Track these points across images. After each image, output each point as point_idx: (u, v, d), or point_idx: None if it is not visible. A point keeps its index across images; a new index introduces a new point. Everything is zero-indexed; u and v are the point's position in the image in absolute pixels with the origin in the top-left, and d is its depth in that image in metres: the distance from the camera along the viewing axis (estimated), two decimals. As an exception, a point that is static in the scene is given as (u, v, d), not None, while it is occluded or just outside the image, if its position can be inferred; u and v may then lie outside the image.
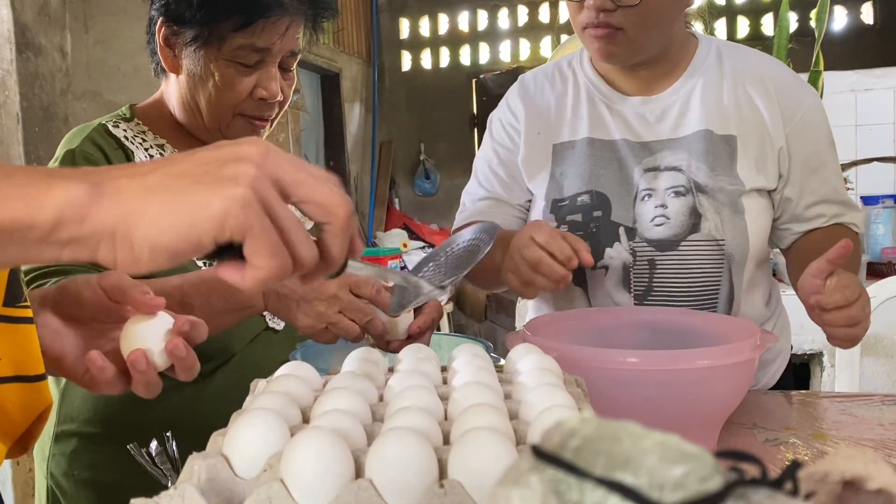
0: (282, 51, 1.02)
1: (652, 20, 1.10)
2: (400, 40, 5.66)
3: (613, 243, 1.16)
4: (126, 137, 1.04)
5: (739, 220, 1.14)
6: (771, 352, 1.27)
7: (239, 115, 1.04)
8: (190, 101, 1.05)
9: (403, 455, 0.43)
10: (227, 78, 1.01)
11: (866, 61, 3.24)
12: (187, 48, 1.01)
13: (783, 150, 1.17)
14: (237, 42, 0.99)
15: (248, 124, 1.05)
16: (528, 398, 0.56)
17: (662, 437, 0.27)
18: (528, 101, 1.27)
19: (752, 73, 1.19)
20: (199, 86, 1.02)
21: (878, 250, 2.50)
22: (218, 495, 0.45)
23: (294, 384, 0.60)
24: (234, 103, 1.03)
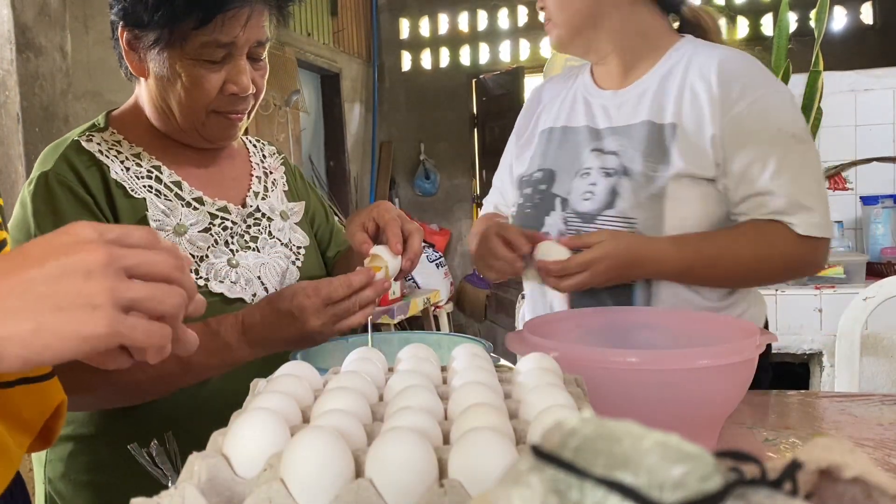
0: (247, 42, 1.00)
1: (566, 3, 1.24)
2: (400, 40, 5.66)
3: (550, 212, 1.29)
4: (100, 151, 1.02)
5: (657, 203, 1.18)
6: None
7: (213, 112, 1.02)
8: (161, 104, 1.03)
9: (403, 455, 0.43)
10: (194, 77, 0.98)
11: (866, 61, 3.24)
12: (151, 51, 1.00)
13: (716, 138, 1.18)
14: (199, 40, 0.96)
15: (223, 120, 1.03)
16: (528, 398, 0.56)
17: (662, 437, 0.27)
18: (540, 94, 1.47)
19: (707, 66, 1.22)
20: (167, 88, 1.01)
21: (878, 250, 2.50)
22: (218, 495, 0.45)
23: (294, 384, 0.60)
24: (206, 102, 1.00)
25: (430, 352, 0.70)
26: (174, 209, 1.03)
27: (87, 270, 0.45)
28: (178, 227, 1.02)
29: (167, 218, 1.02)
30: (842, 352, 1.69)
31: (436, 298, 4.65)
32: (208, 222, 1.05)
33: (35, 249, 0.46)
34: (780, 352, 2.29)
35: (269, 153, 1.25)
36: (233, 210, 1.09)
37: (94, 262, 0.46)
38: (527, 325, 0.98)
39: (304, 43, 4.56)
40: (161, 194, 1.03)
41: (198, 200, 1.06)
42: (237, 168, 1.17)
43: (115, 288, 0.46)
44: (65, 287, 0.44)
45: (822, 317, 2.27)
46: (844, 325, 1.69)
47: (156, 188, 1.03)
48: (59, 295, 0.44)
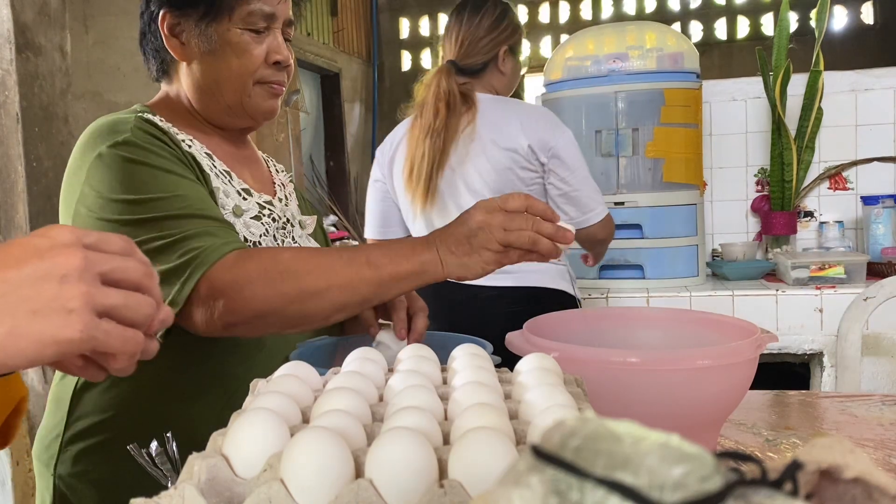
0: (284, 15, 1.06)
1: None
2: (400, 40, 5.66)
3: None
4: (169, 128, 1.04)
5: None
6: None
7: (258, 83, 1.06)
8: (209, 83, 1.06)
9: (403, 455, 0.43)
10: (242, 45, 1.04)
11: (866, 61, 3.24)
12: (196, 29, 1.04)
13: None
14: (245, 10, 1.03)
15: (267, 91, 1.08)
16: (528, 398, 0.56)
17: (662, 437, 0.27)
18: None
19: None
20: (216, 62, 1.05)
21: (879, 250, 2.50)
22: (218, 495, 0.45)
23: (294, 384, 0.60)
24: (254, 69, 1.05)
25: (430, 352, 0.70)
26: (230, 193, 1.05)
27: (62, 275, 0.45)
28: (236, 208, 1.04)
29: (226, 198, 1.04)
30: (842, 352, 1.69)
31: (436, 298, 4.65)
32: (258, 211, 1.08)
33: (14, 250, 0.46)
34: (780, 352, 2.29)
35: (280, 169, 1.29)
36: (276, 205, 1.12)
37: (70, 267, 0.46)
38: (527, 325, 0.98)
39: (304, 43, 4.56)
40: (219, 176, 1.05)
41: (246, 192, 1.08)
42: (265, 172, 1.21)
43: (91, 293, 0.46)
44: (41, 291, 0.45)
45: (823, 317, 2.27)
46: (845, 325, 1.69)
47: (211, 166, 1.05)
48: (35, 298, 0.44)
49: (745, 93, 2.78)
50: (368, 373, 0.65)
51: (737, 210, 2.83)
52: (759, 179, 2.80)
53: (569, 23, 5.24)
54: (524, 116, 1.74)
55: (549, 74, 2.67)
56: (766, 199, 2.76)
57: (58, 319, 0.45)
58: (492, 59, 1.78)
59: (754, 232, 2.83)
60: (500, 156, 1.72)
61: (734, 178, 2.82)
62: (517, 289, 1.73)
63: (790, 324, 2.30)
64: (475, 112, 1.73)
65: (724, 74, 3.03)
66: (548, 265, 1.75)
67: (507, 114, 1.74)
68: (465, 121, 1.72)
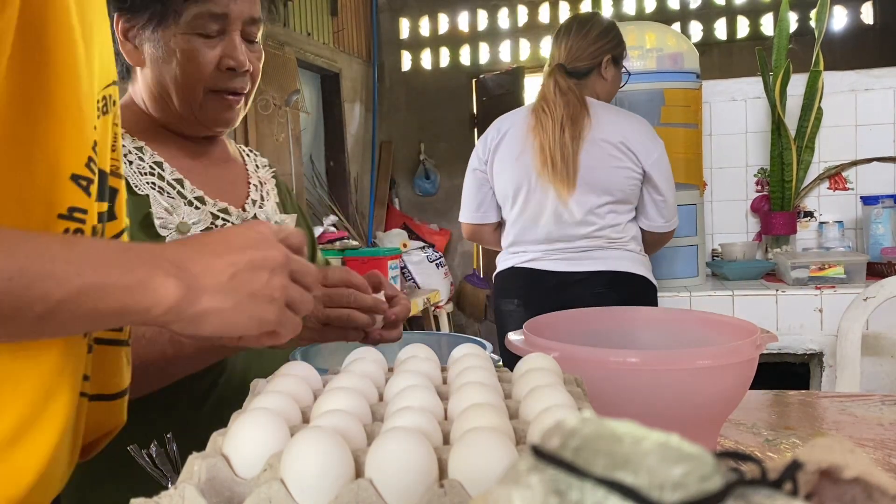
0: (240, 16, 0.99)
1: None
2: (400, 40, 5.66)
3: None
4: None
5: None
6: None
7: (211, 91, 1.01)
8: (159, 89, 1.02)
9: (403, 455, 0.43)
10: (189, 52, 0.98)
11: (866, 61, 3.24)
12: (145, 33, 0.99)
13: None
14: (192, 12, 0.96)
15: (221, 101, 1.03)
16: (528, 398, 0.56)
17: (662, 437, 0.27)
18: None
19: None
20: (163, 68, 1.00)
21: (879, 250, 2.50)
22: (218, 495, 0.45)
23: (294, 384, 0.60)
24: (202, 77, 0.99)
25: (430, 352, 0.70)
26: (177, 207, 1.01)
27: (272, 268, 0.55)
28: (181, 224, 1.00)
29: (170, 216, 1.00)
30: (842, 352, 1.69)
31: (436, 298, 4.65)
32: (210, 222, 1.04)
33: (233, 238, 0.56)
34: (780, 352, 2.29)
35: (261, 164, 1.24)
36: (233, 213, 1.08)
37: (276, 262, 0.56)
38: (527, 325, 0.98)
39: (304, 43, 4.56)
40: (164, 191, 1.01)
41: (199, 200, 1.05)
42: (235, 173, 1.16)
43: (287, 287, 0.57)
44: (256, 277, 0.54)
45: (823, 317, 2.27)
46: (845, 325, 1.69)
47: (158, 185, 1.01)
48: (251, 283, 0.54)
49: (745, 93, 2.78)
50: (368, 373, 0.65)
51: (737, 210, 2.83)
52: (759, 179, 2.80)
53: (569, 23, 5.24)
54: (629, 123, 1.91)
55: (549, 74, 2.67)
56: (765, 199, 2.76)
57: (265, 305, 0.55)
58: (596, 65, 1.95)
59: (754, 232, 2.83)
60: (609, 154, 1.86)
61: (734, 178, 2.82)
62: (603, 273, 1.88)
63: (790, 324, 2.30)
64: (590, 111, 1.89)
65: (724, 74, 3.03)
66: (630, 252, 1.91)
67: (616, 118, 1.91)
68: (585, 116, 1.88)
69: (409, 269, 4.79)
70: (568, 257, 1.91)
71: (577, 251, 1.90)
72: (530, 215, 1.95)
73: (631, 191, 1.90)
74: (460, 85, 5.53)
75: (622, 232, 1.90)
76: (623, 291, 1.86)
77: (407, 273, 4.74)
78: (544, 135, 1.88)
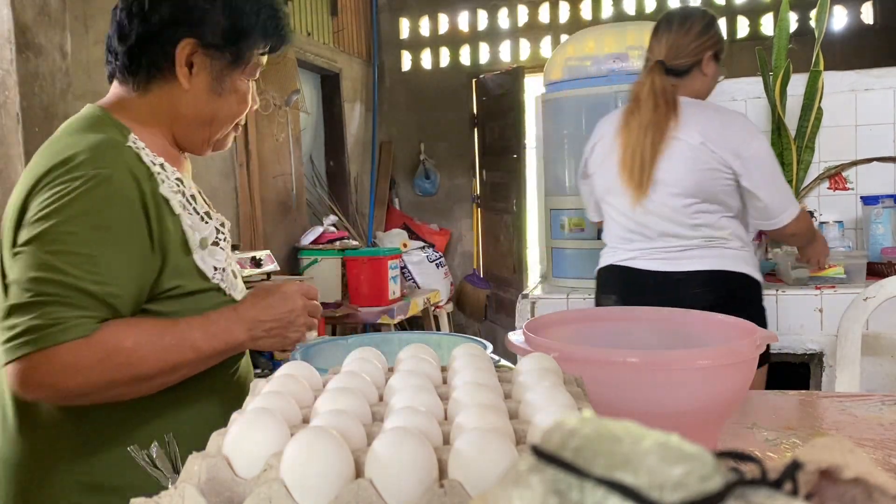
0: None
1: None
2: (400, 40, 5.66)
3: None
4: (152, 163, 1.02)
5: None
6: None
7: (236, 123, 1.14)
8: (196, 113, 1.07)
9: (403, 455, 0.43)
10: (242, 93, 1.09)
11: (866, 61, 3.24)
12: (212, 65, 1.05)
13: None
14: (255, 62, 1.09)
15: (234, 131, 1.15)
16: (528, 398, 0.56)
17: (662, 437, 0.27)
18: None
19: None
20: (215, 100, 1.07)
21: (879, 250, 2.50)
22: (218, 495, 0.45)
23: (294, 384, 0.60)
24: (241, 112, 1.12)
25: (430, 352, 0.70)
26: (196, 224, 1.04)
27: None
28: (202, 241, 1.05)
29: (194, 234, 1.03)
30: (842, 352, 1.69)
31: (436, 298, 4.65)
32: (216, 236, 1.08)
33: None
34: (780, 352, 2.29)
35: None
36: (226, 225, 1.14)
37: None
38: (527, 325, 0.98)
39: (304, 43, 4.56)
40: (185, 208, 1.04)
41: (207, 214, 1.08)
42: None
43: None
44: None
45: (823, 317, 2.27)
46: (845, 325, 1.69)
47: (182, 202, 1.04)
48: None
49: (745, 93, 2.78)
50: (368, 373, 0.65)
51: (737, 210, 2.83)
52: (759, 179, 2.80)
53: (569, 23, 5.24)
54: (719, 123, 1.87)
55: (549, 74, 2.67)
56: (766, 199, 2.76)
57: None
58: (697, 62, 1.92)
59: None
60: (696, 155, 1.84)
61: (734, 178, 2.81)
62: (700, 272, 1.88)
63: (790, 324, 2.30)
64: (678, 111, 1.87)
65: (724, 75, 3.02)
66: (730, 249, 1.89)
67: (705, 118, 1.88)
68: (672, 118, 1.87)
69: (409, 269, 4.79)
70: (665, 257, 1.91)
71: (674, 251, 1.90)
72: (619, 215, 1.97)
73: (724, 190, 1.87)
74: (460, 85, 5.53)
75: (720, 229, 1.88)
76: (722, 290, 1.86)
77: (407, 273, 4.74)
78: (629, 137, 1.90)
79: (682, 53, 1.91)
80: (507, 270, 5.09)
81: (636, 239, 1.95)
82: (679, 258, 1.89)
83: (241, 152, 3.90)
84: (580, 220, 2.56)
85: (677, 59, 1.91)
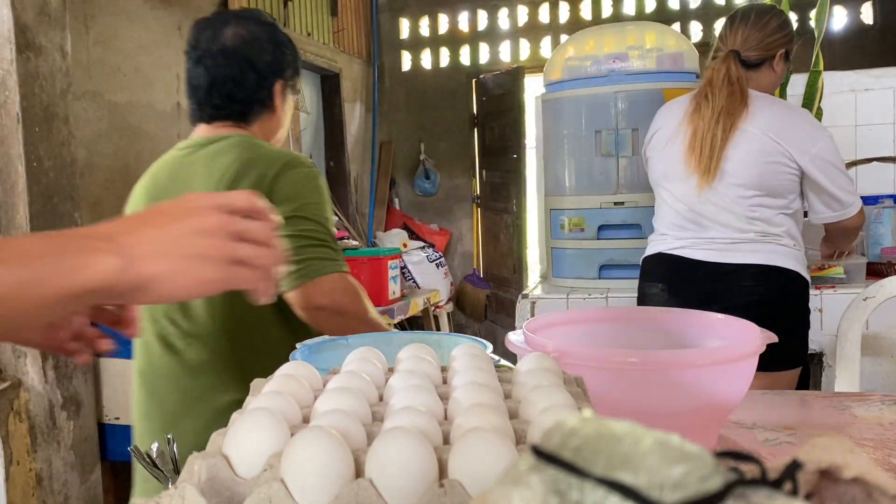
0: None
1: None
2: (400, 40, 5.66)
3: None
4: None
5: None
6: None
7: None
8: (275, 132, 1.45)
9: (403, 455, 0.43)
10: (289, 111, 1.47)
11: (866, 61, 3.24)
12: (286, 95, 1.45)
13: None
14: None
15: None
16: (528, 398, 0.56)
17: (662, 437, 0.27)
18: None
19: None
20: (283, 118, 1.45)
21: (878, 250, 2.50)
22: (218, 495, 0.45)
23: (294, 384, 0.60)
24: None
25: (430, 352, 0.70)
26: None
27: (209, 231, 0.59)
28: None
29: None
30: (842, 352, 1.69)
31: (436, 298, 4.65)
32: None
33: (168, 209, 0.60)
34: (780, 352, 2.29)
35: None
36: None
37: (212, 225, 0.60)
38: (527, 325, 0.98)
39: (304, 43, 4.56)
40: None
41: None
42: None
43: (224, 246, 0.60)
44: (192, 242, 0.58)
45: (823, 317, 2.27)
46: (844, 325, 1.69)
47: None
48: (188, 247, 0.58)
49: (745, 93, 2.78)
50: (368, 373, 0.65)
51: (737, 210, 2.83)
52: (759, 179, 2.80)
53: (569, 23, 5.24)
54: (788, 117, 1.89)
55: (549, 74, 2.67)
56: (766, 199, 2.76)
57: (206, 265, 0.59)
58: (770, 57, 1.95)
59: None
60: (761, 148, 1.86)
61: (734, 178, 2.81)
62: (752, 266, 1.88)
63: (790, 324, 2.29)
64: (748, 102, 1.89)
65: (724, 74, 3.01)
66: (783, 246, 1.90)
67: (774, 111, 1.89)
68: (744, 108, 1.88)
69: (409, 269, 4.79)
70: (718, 248, 1.91)
71: (726, 242, 1.91)
72: (675, 202, 1.98)
73: (784, 185, 1.88)
74: (460, 85, 5.53)
75: (775, 226, 1.89)
76: (772, 285, 1.87)
77: (407, 273, 4.74)
78: (700, 122, 1.91)
79: (756, 47, 1.93)
80: (507, 270, 5.09)
81: (689, 227, 1.95)
82: (731, 250, 1.90)
83: (241, 152, 3.90)
84: (580, 220, 2.56)
85: (752, 51, 1.94)
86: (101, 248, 0.54)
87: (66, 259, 0.52)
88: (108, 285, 0.53)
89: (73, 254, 0.53)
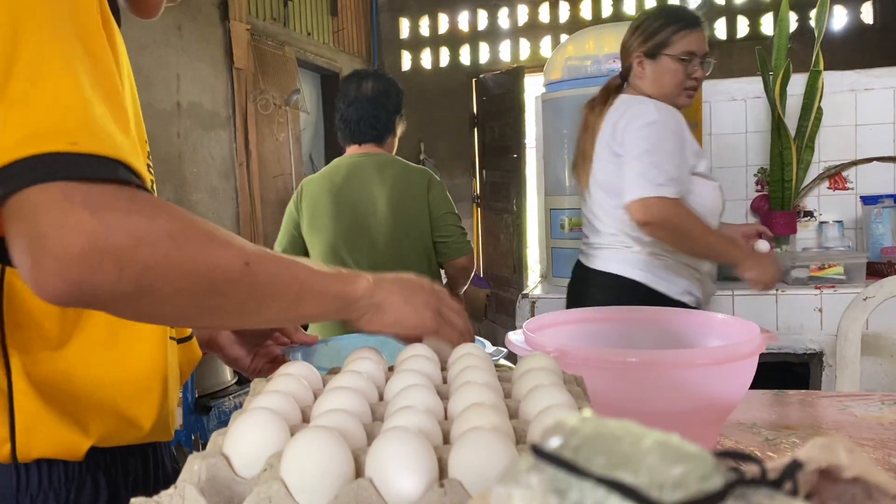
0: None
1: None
2: (400, 40, 5.66)
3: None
4: None
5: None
6: None
7: None
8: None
9: (403, 455, 0.43)
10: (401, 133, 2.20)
11: (866, 61, 3.24)
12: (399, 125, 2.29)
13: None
14: None
15: None
16: (528, 398, 0.56)
17: (662, 437, 0.27)
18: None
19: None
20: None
21: (878, 250, 2.50)
22: (218, 495, 0.45)
23: (294, 384, 0.60)
24: None
25: (431, 352, 0.70)
26: None
27: (425, 291, 0.80)
28: None
29: None
30: (842, 351, 1.69)
31: (436, 298, 4.64)
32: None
33: (410, 284, 0.80)
34: (780, 352, 2.29)
35: None
36: None
37: (429, 290, 0.81)
38: (527, 325, 0.98)
39: (304, 43, 4.56)
40: None
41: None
42: None
43: (438, 304, 0.81)
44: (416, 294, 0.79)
45: (823, 317, 2.27)
46: (844, 324, 1.69)
47: None
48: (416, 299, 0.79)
49: (745, 92, 2.78)
50: (368, 373, 0.65)
51: (737, 210, 2.83)
52: (759, 179, 2.80)
53: (569, 23, 5.24)
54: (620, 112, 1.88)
55: (549, 74, 2.67)
56: (765, 199, 2.76)
57: (423, 310, 0.78)
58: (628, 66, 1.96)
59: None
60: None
61: (734, 178, 2.82)
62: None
63: (790, 324, 2.30)
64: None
65: (724, 74, 3.03)
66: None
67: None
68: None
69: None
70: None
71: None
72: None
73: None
74: (460, 85, 5.53)
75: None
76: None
77: (407, 273, 4.73)
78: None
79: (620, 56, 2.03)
80: (507, 270, 5.09)
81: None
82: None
83: (241, 152, 3.90)
84: (580, 219, 2.56)
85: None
86: (364, 277, 0.76)
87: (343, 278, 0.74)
88: (360, 297, 0.73)
89: (347, 276, 0.75)
